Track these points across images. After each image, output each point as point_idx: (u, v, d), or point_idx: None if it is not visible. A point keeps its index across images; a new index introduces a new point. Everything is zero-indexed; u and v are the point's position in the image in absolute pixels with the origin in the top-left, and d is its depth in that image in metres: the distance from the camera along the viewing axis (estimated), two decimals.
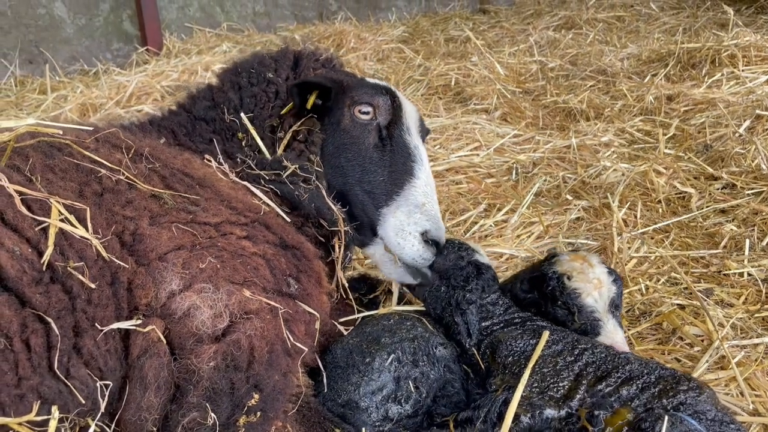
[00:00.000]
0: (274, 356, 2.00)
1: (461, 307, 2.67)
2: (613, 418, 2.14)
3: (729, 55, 6.50)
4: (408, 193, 2.63)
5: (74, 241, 1.81)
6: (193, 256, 2.01)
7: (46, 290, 1.67)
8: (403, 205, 2.62)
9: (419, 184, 2.65)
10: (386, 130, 2.71)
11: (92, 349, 1.71)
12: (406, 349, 2.45)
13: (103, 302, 1.78)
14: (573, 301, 2.69)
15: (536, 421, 2.23)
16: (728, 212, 4.13)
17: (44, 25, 8.17)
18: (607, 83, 6.75)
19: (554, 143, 5.37)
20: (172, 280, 1.93)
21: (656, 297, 3.33)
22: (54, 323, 1.63)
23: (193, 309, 1.90)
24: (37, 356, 1.59)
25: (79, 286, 1.74)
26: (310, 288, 2.30)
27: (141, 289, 1.89)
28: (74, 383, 1.64)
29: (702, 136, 5.13)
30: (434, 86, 6.99)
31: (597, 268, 2.72)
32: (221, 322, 1.92)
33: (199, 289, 1.94)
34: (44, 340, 1.62)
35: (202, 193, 2.28)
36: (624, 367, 2.35)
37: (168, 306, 1.89)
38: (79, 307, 1.72)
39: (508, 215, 4.32)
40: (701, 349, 2.91)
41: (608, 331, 2.64)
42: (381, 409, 2.35)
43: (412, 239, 2.61)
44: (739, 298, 3.29)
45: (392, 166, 2.67)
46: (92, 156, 2.10)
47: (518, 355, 2.49)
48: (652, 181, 4.44)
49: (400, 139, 2.72)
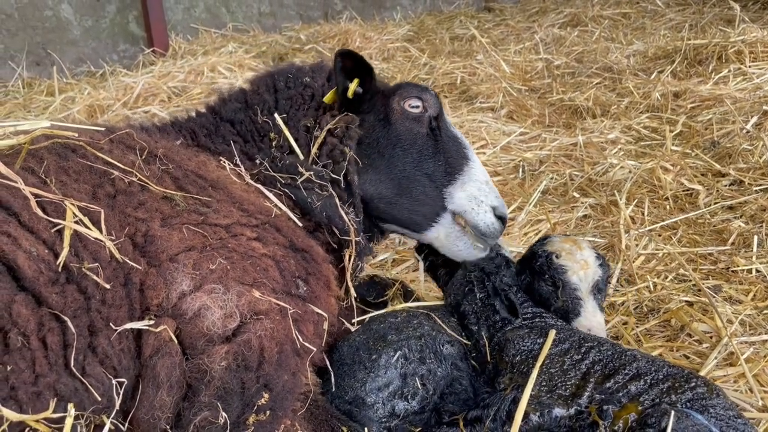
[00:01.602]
0: (283, 356, 2.02)
1: (502, 289, 2.75)
2: (621, 412, 2.15)
3: (736, 52, 6.47)
4: (471, 173, 2.78)
5: (88, 242, 1.83)
6: (204, 257, 2.02)
7: (62, 290, 1.69)
8: (469, 182, 2.76)
9: (477, 165, 2.83)
10: (435, 122, 2.83)
11: (107, 348, 1.73)
12: (413, 347, 2.46)
13: (117, 303, 1.80)
14: (558, 276, 2.75)
15: (545, 419, 2.24)
16: (736, 209, 4.12)
17: (51, 27, 8.22)
18: (613, 80, 6.73)
19: (561, 141, 5.36)
20: (182, 281, 1.94)
21: (664, 294, 3.33)
22: (70, 322, 1.65)
23: (204, 309, 1.91)
24: (54, 354, 1.61)
25: (94, 287, 1.76)
26: (318, 290, 2.31)
27: (152, 290, 1.90)
28: (90, 381, 1.66)
29: (709, 132, 5.11)
30: (440, 85, 6.99)
31: (585, 251, 2.79)
32: (232, 322, 1.93)
33: (209, 289, 1.95)
34: (60, 339, 1.64)
35: (215, 194, 2.28)
36: (631, 364, 2.35)
37: (179, 306, 1.91)
38: (94, 307, 1.74)
39: (516, 213, 4.32)
40: (710, 346, 2.91)
41: (588, 312, 2.70)
42: (387, 405, 2.36)
43: (486, 207, 2.75)
44: (748, 294, 3.28)
45: (447, 153, 2.80)
46: (105, 158, 2.12)
47: (526, 354, 2.51)
48: (660, 178, 4.43)
49: (448, 130, 2.88)
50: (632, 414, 2.15)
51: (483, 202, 2.76)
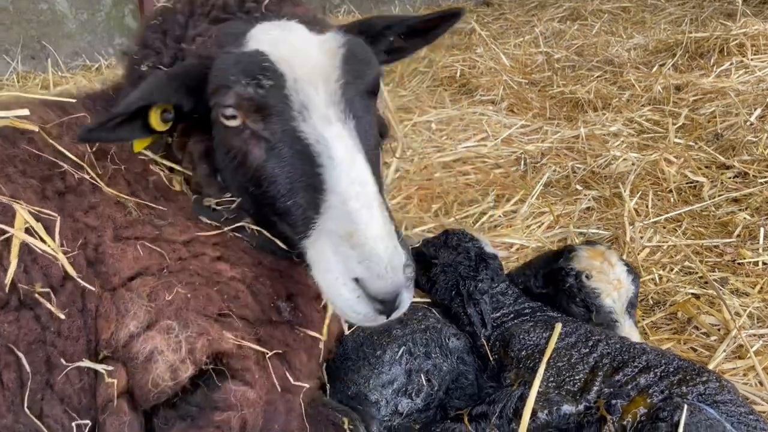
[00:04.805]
0: (270, 421, 1.80)
1: (474, 297, 2.61)
2: (630, 406, 2.10)
3: (737, 45, 6.42)
4: (326, 217, 1.74)
5: (38, 255, 1.61)
6: (161, 284, 1.74)
7: (16, 318, 1.50)
8: (324, 236, 1.75)
9: (334, 200, 1.73)
10: (266, 130, 1.81)
11: (65, 386, 1.55)
12: (418, 341, 2.41)
13: (74, 334, 1.60)
14: (591, 300, 2.65)
15: (553, 417, 2.19)
16: (741, 201, 4.08)
17: (46, 21, 8.13)
18: (614, 74, 6.67)
19: (562, 133, 5.31)
20: (136, 314, 1.68)
21: (670, 286, 3.28)
22: (24, 359, 1.48)
23: (156, 353, 1.66)
24: (11, 393, 1.45)
25: (48, 315, 1.56)
26: (307, 309, 2.03)
27: (105, 320, 1.67)
28: (48, 422, 1.49)
29: (712, 125, 5.07)
30: (439, 78, 6.92)
31: (617, 267, 2.67)
32: (184, 372, 1.68)
33: (164, 327, 1.69)
34: (17, 375, 1.47)
35: (166, 205, 1.95)
36: (640, 357, 2.31)
37: (130, 347, 1.66)
38: (49, 340, 1.55)
39: (518, 205, 4.27)
40: (718, 339, 2.87)
41: (625, 332, 2.61)
42: (391, 403, 2.31)
43: (340, 286, 1.72)
44: (755, 287, 3.25)
45: (293, 179, 1.80)
46: (55, 145, 1.84)
47: (532, 348, 2.45)
48: (663, 170, 4.39)
49: (292, 136, 1.78)
50: (641, 408, 2.11)
51: (335, 277, 1.75)
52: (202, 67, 1.84)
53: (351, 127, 1.80)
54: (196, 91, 1.84)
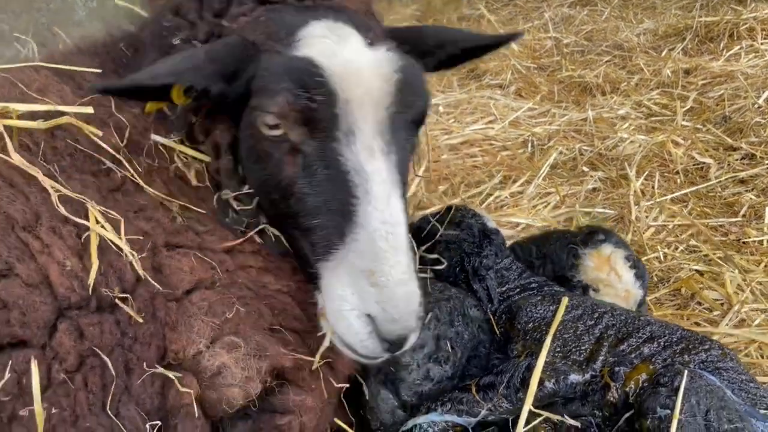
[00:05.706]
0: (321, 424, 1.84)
1: (479, 273, 2.66)
2: (632, 372, 2.15)
3: (748, 29, 6.39)
4: (350, 248, 1.68)
5: (113, 259, 1.55)
6: (219, 299, 1.68)
7: (99, 321, 1.49)
8: (344, 266, 1.69)
9: (362, 235, 1.66)
10: (307, 146, 1.72)
11: (140, 389, 1.54)
12: (443, 308, 2.44)
13: (147, 340, 1.57)
14: None
15: (561, 386, 2.23)
16: (747, 182, 4.10)
17: (56, 8, 8.17)
18: (623, 58, 6.66)
19: (570, 116, 5.33)
20: (201, 330, 1.64)
21: (674, 264, 3.33)
22: (110, 363, 1.47)
23: (224, 369, 1.64)
24: (94, 396, 1.47)
25: (126, 320, 1.54)
26: None
27: (171, 330, 1.62)
28: (124, 423, 1.50)
29: (720, 108, 5.07)
30: None
31: (624, 276, 2.63)
32: (253, 388, 1.67)
33: (229, 344, 1.65)
34: (101, 379, 1.47)
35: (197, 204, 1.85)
36: (645, 328, 2.35)
37: (197, 361, 1.63)
38: (127, 345, 1.54)
39: (524, 186, 4.30)
40: (720, 313, 2.91)
41: None
42: (423, 368, 2.33)
43: (353, 318, 1.69)
44: (759, 265, 3.28)
45: (324, 200, 1.73)
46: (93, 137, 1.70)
47: (539, 321, 2.49)
48: (670, 152, 4.41)
49: (332, 158, 1.70)
50: (643, 374, 2.15)
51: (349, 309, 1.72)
52: (246, 53, 1.73)
53: (392, 160, 1.73)
54: (232, 77, 1.72)
